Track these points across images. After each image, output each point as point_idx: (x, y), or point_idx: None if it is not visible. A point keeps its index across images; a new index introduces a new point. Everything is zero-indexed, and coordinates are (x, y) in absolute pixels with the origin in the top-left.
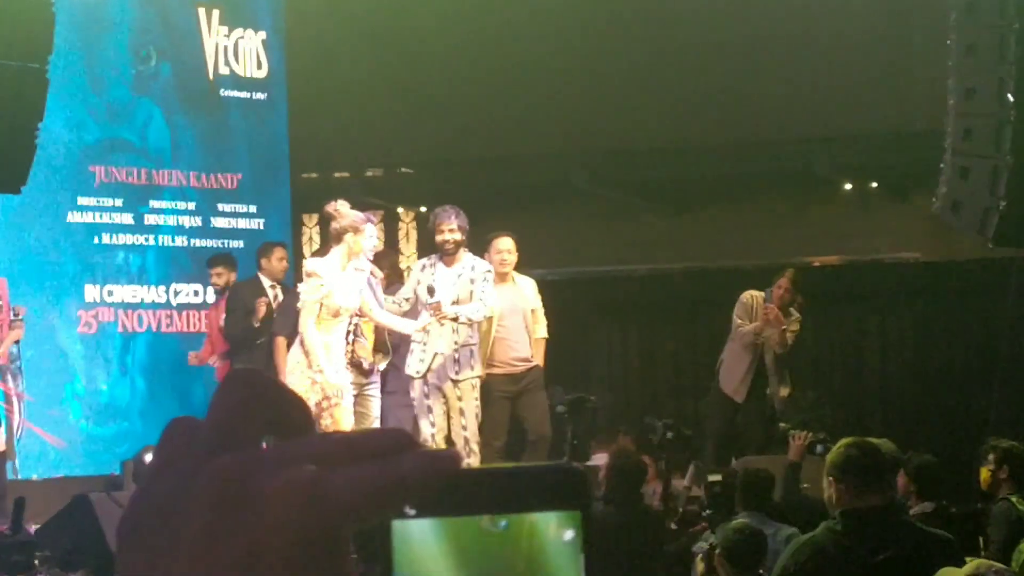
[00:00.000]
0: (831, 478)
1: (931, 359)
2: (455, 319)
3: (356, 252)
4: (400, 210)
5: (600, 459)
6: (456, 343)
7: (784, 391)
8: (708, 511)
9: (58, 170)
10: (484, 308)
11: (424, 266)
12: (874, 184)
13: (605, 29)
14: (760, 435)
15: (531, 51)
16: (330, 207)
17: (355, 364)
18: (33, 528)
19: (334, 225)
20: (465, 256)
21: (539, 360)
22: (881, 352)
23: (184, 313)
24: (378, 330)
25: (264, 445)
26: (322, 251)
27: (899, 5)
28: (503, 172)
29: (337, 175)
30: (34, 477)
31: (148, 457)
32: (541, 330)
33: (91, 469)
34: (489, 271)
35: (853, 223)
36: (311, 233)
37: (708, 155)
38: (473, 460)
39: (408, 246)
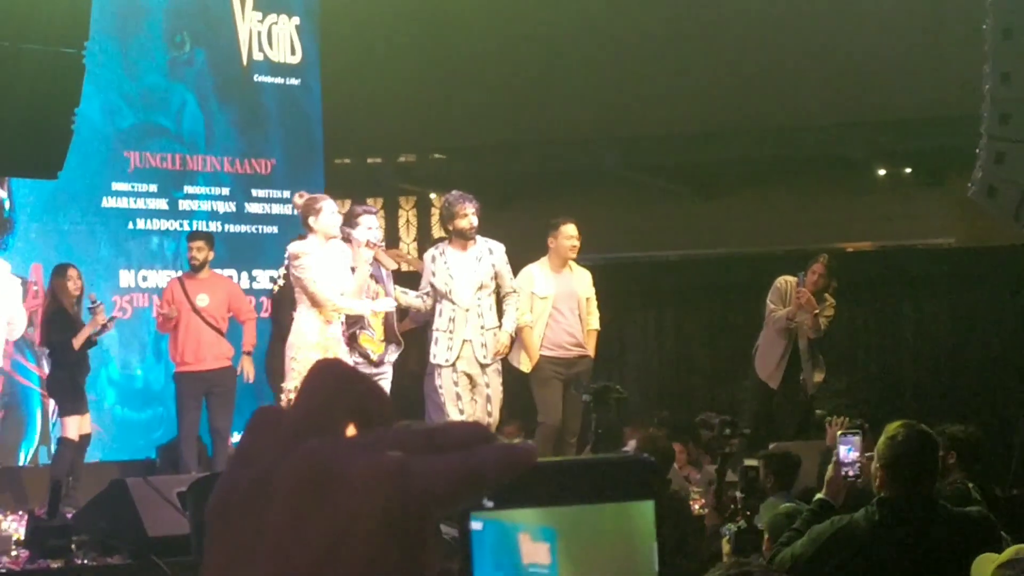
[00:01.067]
0: (878, 464)
1: (966, 344)
2: (513, 341)
3: (325, 233)
4: (433, 196)
5: (632, 446)
6: (483, 328)
7: (818, 376)
8: (742, 495)
9: (93, 156)
10: (518, 299)
11: (434, 257)
12: (908, 169)
13: (637, 13)
14: (795, 420)
15: (562, 36)
16: (296, 197)
17: (363, 355)
18: (70, 513)
19: (298, 213)
20: (478, 239)
21: (591, 351)
22: (915, 337)
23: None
24: (387, 321)
25: (348, 433)
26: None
27: None
28: (535, 157)
29: (370, 160)
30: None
31: None
32: (594, 321)
33: (126, 454)
34: (505, 251)
35: (887, 208)
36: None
37: (741, 140)
38: None
39: (440, 231)
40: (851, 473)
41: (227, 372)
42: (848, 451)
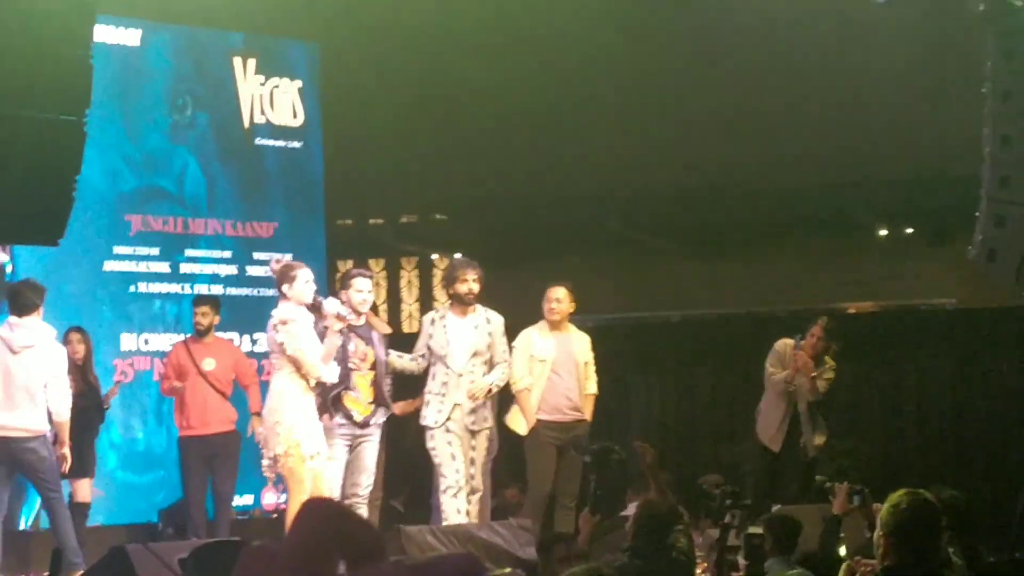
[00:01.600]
0: (881, 532)
1: (969, 406)
2: (489, 392)
3: (298, 300)
4: (434, 256)
5: (633, 508)
6: (471, 390)
7: (819, 439)
8: (746, 562)
9: (95, 219)
10: (507, 369)
11: (434, 320)
12: (910, 229)
13: (639, 74)
14: (797, 484)
15: (564, 95)
16: (272, 263)
17: (346, 416)
18: None
19: (273, 278)
20: (478, 308)
21: (588, 415)
22: (917, 399)
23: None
24: (376, 383)
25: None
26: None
27: (935, 52)
28: (537, 218)
29: (372, 221)
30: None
31: None
32: (592, 386)
33: (128, 518)
34: (503, 323)
35: (889, 268)
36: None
37: (744, 200)
38: (473, 508)
39: (442, 293)
40: None
41: (232, 436)
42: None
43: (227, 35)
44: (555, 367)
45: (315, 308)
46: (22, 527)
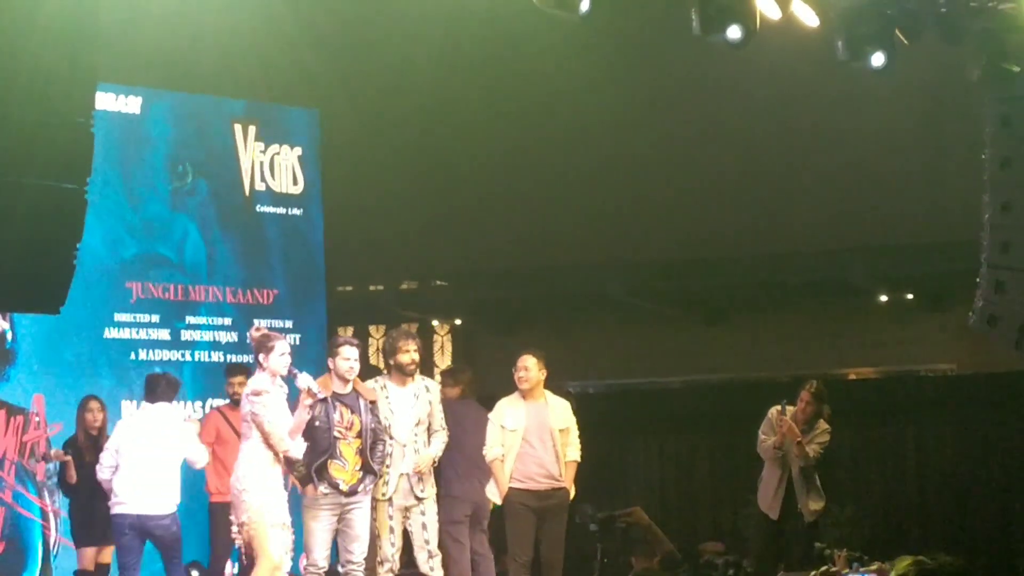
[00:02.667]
0: None
1: (970, 471)
2: (433, 463)
3: (272, 371)
4: (435, 323)
5: None
6: (417, 462)
7: (814, 504)
8: None
9: (94, 286)
10: (445, 436)
11: (375, 389)
12: (910, 295)
13: (639, 143)
14: (798, 552)
15: (564, 163)
16: (252, 331)
17: (331, 485)
18: None
19: (251, 345)
20: (417, 377)
21: (568, 483)
22: (917, 463)
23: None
24: (363, 451)
25: None
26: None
27: (934, 119)
28: (538, 284)
29: (372, 288)
30: None
31: None
32: (572, 452)
33: None
34: (439, 390)
35: (889, 333)
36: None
37: (744, 266)
38: (437, 573)
39: (443, 359)
40: None
41: None
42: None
43: (228, 102)
44: (527, 436)
45: (291, 376)
46: None
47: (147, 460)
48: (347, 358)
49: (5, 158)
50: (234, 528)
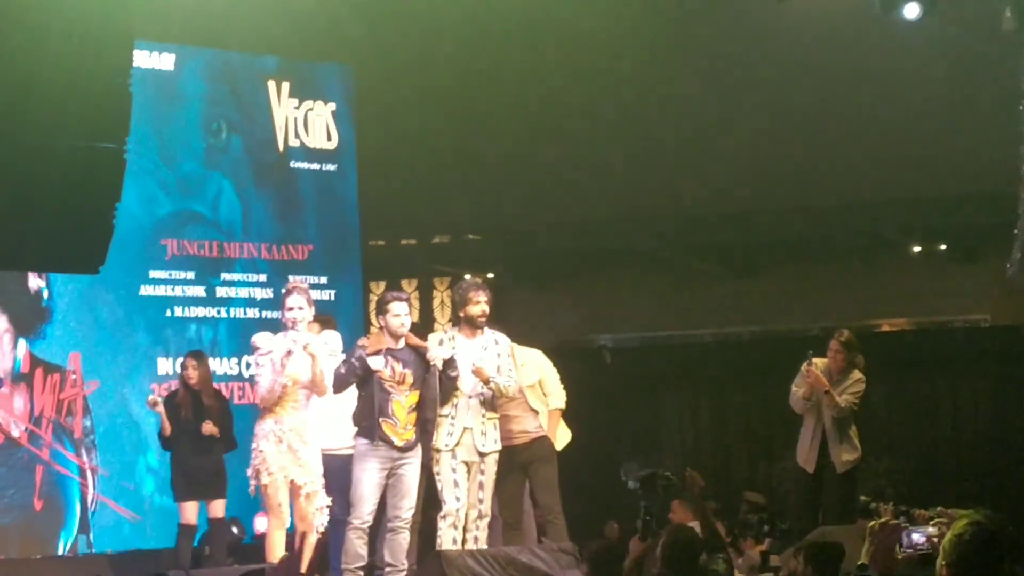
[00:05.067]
0: (943, 562)
1: (1004, 423)
2: (486, 382)
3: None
4: (466, 278)
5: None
6: (483, 417)
7: (846, 455)
8: None
9: (130, 244)
10: (514, 382)
11: (442, 340)
12: (943, 247)
13: (670, 95)
14: (836, 504)
15: (596, 117)
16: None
17: (385, 441)
18: None
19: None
20: (486, 330)
21: (552, 433)
22: (953, 416)
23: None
24: (419, 409)
25: None
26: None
27: (968, 71)
28: (570, 238)
29: (404, 242)
30: (109, 551)
31: None
32: (554, 400)
33: (165, 542)
34: (511, 345)
35: (922, 285)
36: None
37: (776, 219)
38: (481, 534)
39: (443, 314)
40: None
41: None
42: (919, 536)
43: (261, 59)
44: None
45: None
46: (60, 552)
47: None
48: (398, 314)
49: (44, 120)
50: (251, 483)
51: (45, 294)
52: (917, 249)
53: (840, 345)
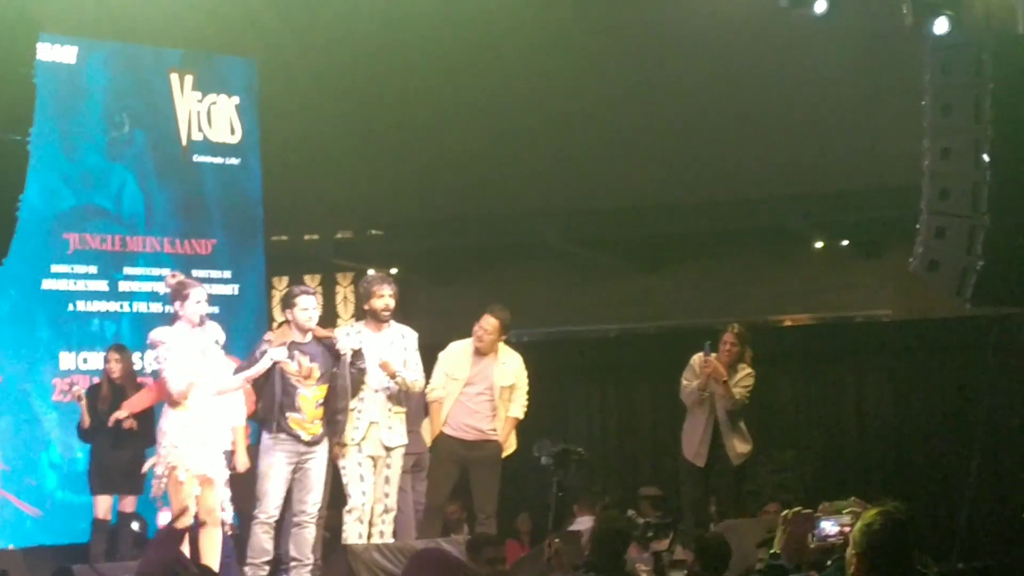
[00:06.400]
0: (853, 551)
1: (907, 417)
2: (392, 376)
3: (189, 319)
4: (370, 273)
5: (584, 523)
6: (390, 411)
7: (741, 447)
8: None
9: (31, 238)
10: (420, 378)
11: (349, 333)
12: (845, 242)
13: (580, 88)
14: (731, 497)
15: (503, 111)
16: (168, 277)
17: (292, 435)
18: None
19: (168, 293)
20: (392, 324)
21: (502, 437)
22: (857, 410)
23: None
24: (327, 403)
25: None
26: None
27: (873, 64)
28: (476, 232)
29: (307, 237)
30: (11, 547)
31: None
32: (515, 409)
33: (68, 538)
34: (416, 338)
35: (825, 280)
36: (280, 296)
37: (681, 214)
38: (387, 528)
39: (347, 309)
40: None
41: None
42: (832, 525)
43: (164, 52)
44: (466, 388)
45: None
46: None
47: None
48: (305, 308)
49: None
50: (154, 480)
51: None
52: (820, 244)
53: (734, 337)
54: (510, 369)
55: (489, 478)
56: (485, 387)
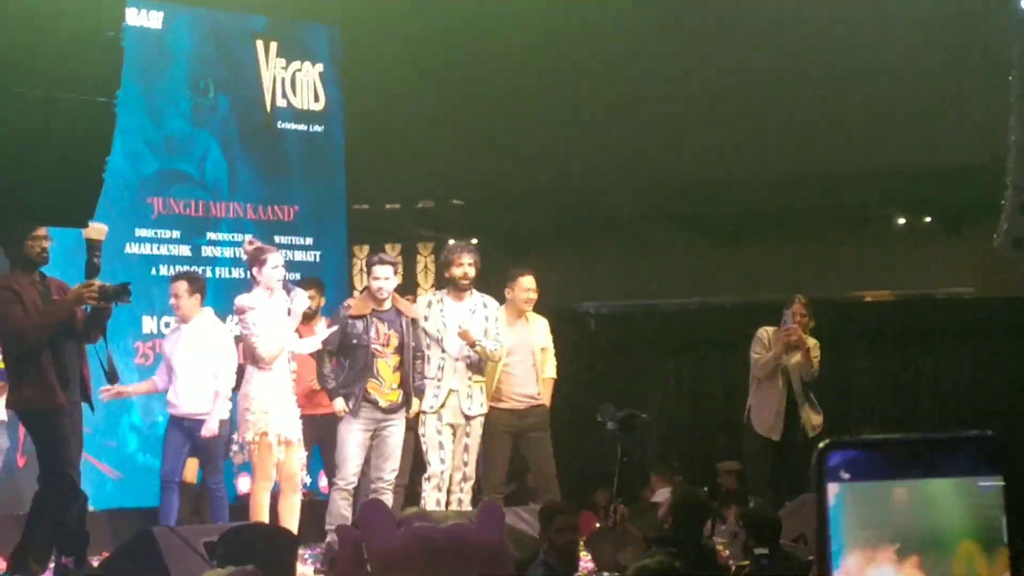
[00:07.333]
0: None
1: (986, 395)
2: (472, 345)
3: (265, 285)
4: (451, 242)
5: (662, 495)
6: (470, 380)
7: (815, 419)
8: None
9: (116, 202)
10: (500, 347)
11: (431, 302)
12: (928, 218)
13: (657, 64)
14: (804, 472)
15: (582, 84)
16: (246, 243)
17: (370, 401)
18: (96, 561)
19: (245, 260)
20: (474, 293)
21: (546, 400)
22: (935, 389)
23: (240, 344)
24: (402, 368)
25: None
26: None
27: (958, 39)
28: (555, 205)
29: (388, 206)
30: (92, 509)
31: None
32: (550, 370)
33: (147, 501)
34: (500, 309)
35: (906, 257)
36: (362, 264)
37: (761, 189)
38: (465, 497)
39: (427, 279)
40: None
41: None
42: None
43: (249, 18)
44: (509, 354)
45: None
46: None
47: None
48: (378, 277)
49: (38, 72)
50: (234, 447)
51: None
52: (902, 221)
53: (803, 308)
54: (542, 329)
55: (545, 441)
56: (527, 353)
